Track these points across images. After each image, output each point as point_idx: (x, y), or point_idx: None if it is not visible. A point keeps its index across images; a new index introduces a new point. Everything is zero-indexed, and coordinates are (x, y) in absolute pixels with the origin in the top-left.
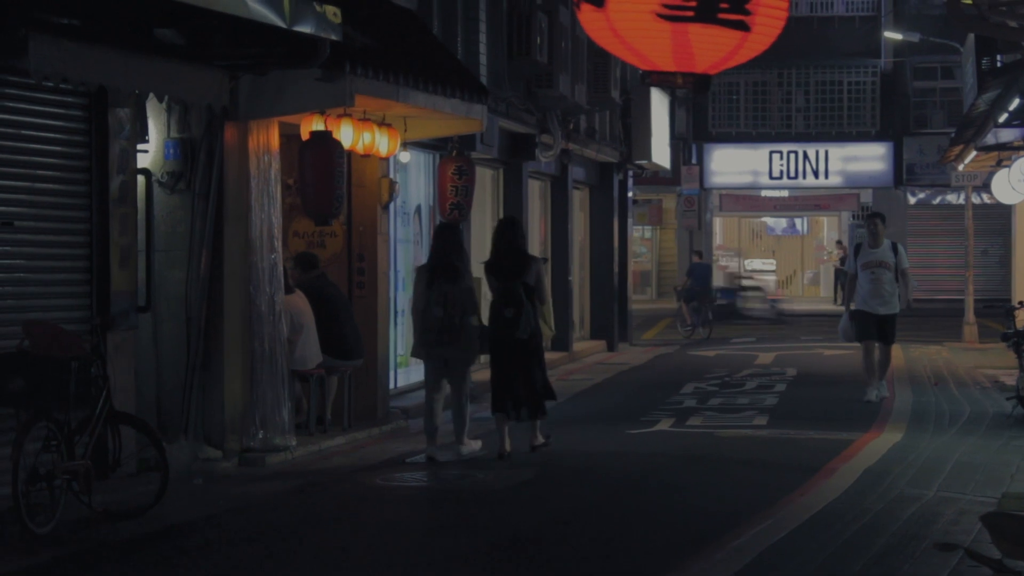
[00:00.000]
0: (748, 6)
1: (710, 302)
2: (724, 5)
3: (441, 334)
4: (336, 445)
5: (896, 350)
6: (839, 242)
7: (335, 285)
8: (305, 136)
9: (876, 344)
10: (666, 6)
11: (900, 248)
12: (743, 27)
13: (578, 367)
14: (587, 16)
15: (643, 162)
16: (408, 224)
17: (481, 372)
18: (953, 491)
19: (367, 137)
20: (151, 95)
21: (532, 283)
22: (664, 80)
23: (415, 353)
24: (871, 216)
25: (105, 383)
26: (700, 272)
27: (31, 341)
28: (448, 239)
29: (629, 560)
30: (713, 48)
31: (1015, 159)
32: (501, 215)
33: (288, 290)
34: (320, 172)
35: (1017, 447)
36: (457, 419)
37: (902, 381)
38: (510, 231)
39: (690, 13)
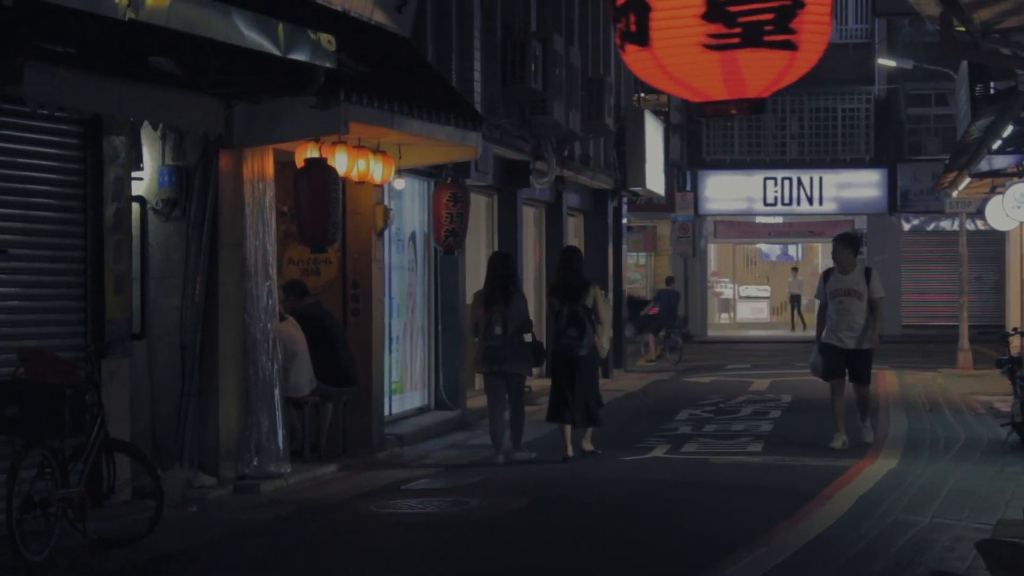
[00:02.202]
0: (793, 24)
1: (677, 328)
2: (769, 28)
3: (502, 351)
4: (331, 472)
5: (891, 376)
6: (795, 268)
7: (330, 312)
8: (300, 163)
9: (844, 383)
10: (712, 35)
11: (874, 275)
12: (791, 47)
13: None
14: (632, 56)
15: (637, 189)
16: (403, 251)
17: (478, 398)
18: (948, 518)
19: (362, 164)
20: (146, 123)
21: (590, 306)
22: (719, 110)
23: (476, 369)
24: (836, 239)
25: (100, 410)
26: (667, 299)
27: (26, 368)
28: (504, 267)
29: None
30: (763, 71)
31: (1009, 186)
32: (496, 242)
33: (280, 317)
34: (315, 199)
35: (1012, 474)
36: (515, 428)
37: (897, 407)
38: (574, 259)
39: (737, 40)
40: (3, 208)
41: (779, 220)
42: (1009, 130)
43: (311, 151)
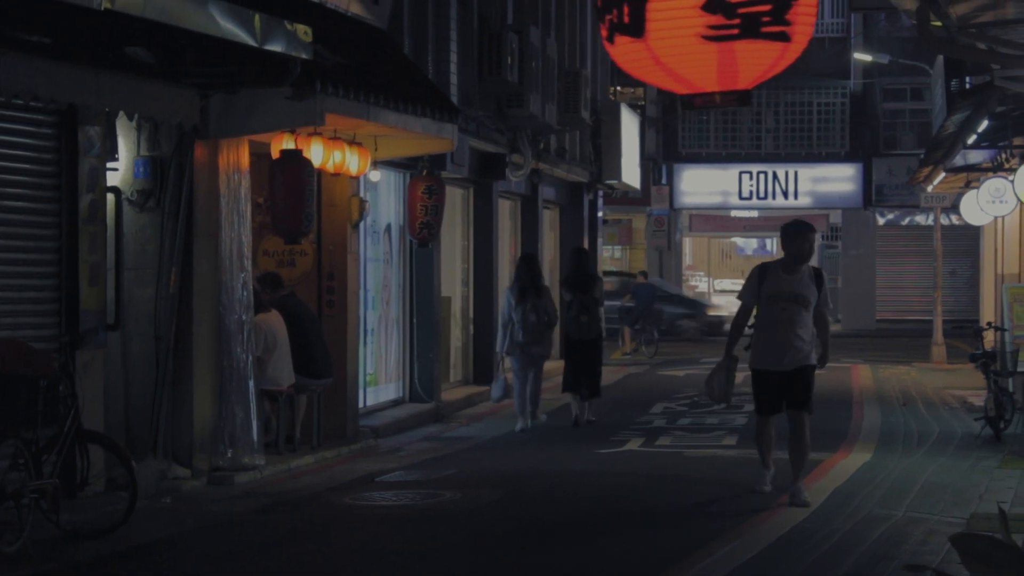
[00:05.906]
0: (788, 16)
1: (654, 322)
2: (766, 19)
3: (534, 335)
4: (305, 464)
5: (865, 370)
6: None
7: (304, 304)
8: (275, 155)
9: (774, 418)
10: (711, 27)
11: (824, 279)
12: (785, 38)
13: (547, 386)
14: (622, 48)
15: (613, 182)
16: (378, 243)
17: (452, 390)
18: (922, 512)
19: (337, 156)
20: (121, 113)
21: (597, 296)
22: (706, 101)
23: (508, 351)
24: (796, 225)
25: (73, 401)
26: (643, 293)
27: None
28: (532, 265)
29: None
30: (757, 62)
31: (984, 180)
32: (472, 234)
33: (264, 308)
34: (290, 191)
35: (985, 468)
36: (535, 398)
37: (871, 401)
38: (584, 257)
39: (735, 31)
40: None
41: (754, 214)
42: (984, 125)
43: (287, 142)
